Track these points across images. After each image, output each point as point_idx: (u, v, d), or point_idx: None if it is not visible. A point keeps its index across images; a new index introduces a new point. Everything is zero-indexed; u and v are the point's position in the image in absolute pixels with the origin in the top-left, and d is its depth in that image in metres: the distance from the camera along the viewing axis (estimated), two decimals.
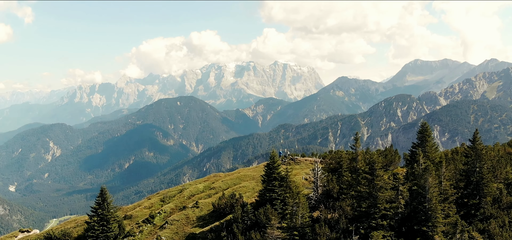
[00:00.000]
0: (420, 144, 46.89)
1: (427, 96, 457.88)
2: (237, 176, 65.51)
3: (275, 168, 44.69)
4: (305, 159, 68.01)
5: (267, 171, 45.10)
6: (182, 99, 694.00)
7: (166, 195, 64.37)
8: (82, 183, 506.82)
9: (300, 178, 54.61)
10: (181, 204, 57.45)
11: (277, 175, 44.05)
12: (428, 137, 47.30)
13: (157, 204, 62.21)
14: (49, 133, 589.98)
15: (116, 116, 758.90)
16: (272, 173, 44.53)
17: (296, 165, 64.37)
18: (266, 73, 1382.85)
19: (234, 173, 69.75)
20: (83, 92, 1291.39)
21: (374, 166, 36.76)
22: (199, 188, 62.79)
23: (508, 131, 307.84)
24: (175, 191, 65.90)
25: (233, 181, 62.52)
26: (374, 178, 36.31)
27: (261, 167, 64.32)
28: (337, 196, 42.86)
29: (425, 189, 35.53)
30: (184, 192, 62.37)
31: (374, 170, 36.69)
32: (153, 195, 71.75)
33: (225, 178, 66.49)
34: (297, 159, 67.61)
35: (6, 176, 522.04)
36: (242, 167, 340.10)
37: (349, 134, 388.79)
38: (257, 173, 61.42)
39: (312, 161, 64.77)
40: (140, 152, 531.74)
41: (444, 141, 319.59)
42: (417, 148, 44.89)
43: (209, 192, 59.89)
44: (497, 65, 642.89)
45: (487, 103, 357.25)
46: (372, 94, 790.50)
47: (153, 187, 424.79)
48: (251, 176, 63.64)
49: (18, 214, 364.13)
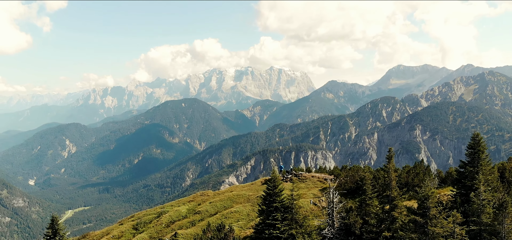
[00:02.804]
0: (471, 162, 31.11)
1: (409, 99, 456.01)
2: (229, 196, 49.40)
3: (276, 194, 31.04)
4: (312, 175, 52.87)
5: (266, 198, 31.29)
6: (186, 101, 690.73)
7: (141, 220, 49.17)
8: (95, 177, 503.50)
9: (307, 201, 40.91)
10: (157, 234, 43.44)
11: (280, 204, 30.57)
12: (481, 153, 30.95)
13: (129, 233, 47.47)
14: (65, 132, 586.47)
15: (126, 117, 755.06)
16: (272, 201, 30.94)
17: (300, 182, 49.83)
18: (263, 77, 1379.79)
19: (226, 192, 53.92)
20: (97, 94, 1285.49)
21: (427, 202, 23.97)
22: (181, 212, 47.37)
23: (484, 130, 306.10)
24: (152, 214, 50.91)
25: (224, 203, 46.86)
26: (427, 221, 23.80)
27: (258, 185, 52.65)
28: (361, 233, 29.81)
29: (499, 236, 23.02)
30: (162, 217, 47.30)
31: (427, 210, 23.92)
32: (126, 219, 55.21)
33: (214, 198, 50.36)
34: (302, 175, 52.52)
35: (26, 171, 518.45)
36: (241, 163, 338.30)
37: (339, 132, 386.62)
38: (253, 193, 48.65)
39: (321, 177, 50.48)
40: (148, 148, 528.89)
41: (425, 139, 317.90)
42: (467, 167, 30.87)
43: (193, 218, 44.50)
44: (473, 70, 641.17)
45: (465, 105, 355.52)
46: (359, 97, 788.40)
47: (160, 181, 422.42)
48: (246, 196, 48.02)
49: (37, 205, 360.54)
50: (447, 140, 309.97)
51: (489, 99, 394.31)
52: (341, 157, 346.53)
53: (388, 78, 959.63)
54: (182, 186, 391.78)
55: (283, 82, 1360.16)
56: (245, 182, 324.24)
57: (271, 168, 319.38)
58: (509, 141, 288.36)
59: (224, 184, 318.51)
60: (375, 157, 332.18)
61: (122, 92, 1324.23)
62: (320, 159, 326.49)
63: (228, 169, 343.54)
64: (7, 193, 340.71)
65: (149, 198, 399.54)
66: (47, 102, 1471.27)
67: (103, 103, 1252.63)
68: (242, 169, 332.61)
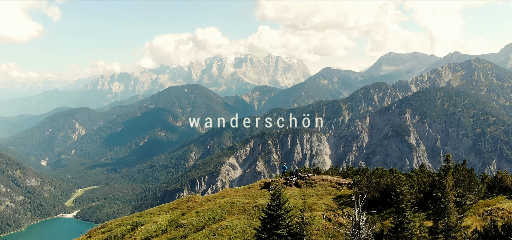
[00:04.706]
0: None
1: (400, 84, 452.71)
2: (220, 204, 37.79)
3: (280, 216, 21.66)
4: (322, 177, 40.75)
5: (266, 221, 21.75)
6: (189, 87, 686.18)
7: (113, 233, 37.83)
8: (104, 158, 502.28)
9: (319, 215, 29.46)
10: None
11: (285, 231, 21.07)
12: None
13: None
14: (75, 115, 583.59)
15: (132, 101, 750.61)
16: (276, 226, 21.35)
17: (308, 187, 38.58)
18: (261, 64, 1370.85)
19: (216, 198, 41.68)
20: (104, 80, 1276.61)
21: None
22: (161, 224, 36.55)
23: (470, 114, 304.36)
24: (126, 225, 39.80)
25: (213, 214, 36.02)
26: None
27: (255, 189, 41.62)
28: None
29: None
30: (137, 231, 36.03)
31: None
32: (96, 229, 44.14)
33: (202, 206, 38.70)
34: (310, 177, 40.41)
35: (39, 153, 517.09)
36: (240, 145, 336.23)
37: (333, 116, 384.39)
38: (250, 200, 37.98)
39: (334, 181, 38.80)
40: (153, 131, 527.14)
41: (415, 123, 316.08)
42: None
43: (175, 233, 33.88)
44: (460, 57, 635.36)
45: (452, 90, 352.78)
46: (352, 83, 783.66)
47: (164, 161, 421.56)
48: (241, 205, 36.56)
49: (49, 185, 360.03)
50: (435, 123, 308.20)
51: (475, 85, 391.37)
52: (334, 139, 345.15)
53: (380, 65, 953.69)
54: (185, 166, 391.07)
55: (280, 69, 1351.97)
56: (245, 163, 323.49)
57: (269, 150, 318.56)
58: (494, 124, 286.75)
59: (224, 164, 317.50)
60: (366, 140, 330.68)
61: (128, 78, 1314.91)
62: (315, 141, 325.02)
63: (228, 151, 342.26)
64: (20, 173, 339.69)
65: (154, 177, 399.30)
66: (58, 88, 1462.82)
67: (110, 88, 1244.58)
68: (241, 151, 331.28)
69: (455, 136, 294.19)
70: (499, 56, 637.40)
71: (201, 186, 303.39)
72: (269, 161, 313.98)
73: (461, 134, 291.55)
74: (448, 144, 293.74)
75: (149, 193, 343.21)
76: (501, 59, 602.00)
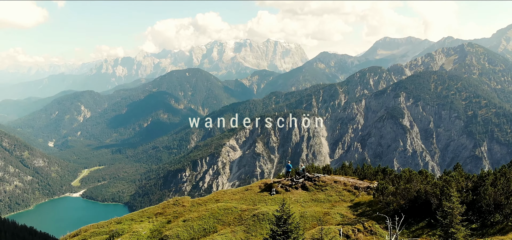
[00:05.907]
0: None
1: (394, 68, 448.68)
2: (213, 210, 30.63)
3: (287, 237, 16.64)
4: (334, 179, 33.23)
5: None
6: (190, 71, 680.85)
7: None
8: (109, 139, 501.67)
9: (334, 230, 22.09)
10: None
11: None
12: None
13: None
14: (80, 98, 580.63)
15: (136, 85, 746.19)
16: None
17: (318, 191, 31.44)
18: (260, 49, 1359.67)
19: (209, 202, 34.18)
20: (108, 64, 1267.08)
21: None
22: (141, 236, 29.40)
23: (462, 97, 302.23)
24: (102, 234, 32.60)
25: (204, 224, 28.81)
26: None
27: (254, 191, 34.71)
28: None
29: None
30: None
31: None
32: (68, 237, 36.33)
33: (191, 213, 31.59)
34: (320, 178, 33.28)
35: (46, 134, 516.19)
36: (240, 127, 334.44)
37: (330, 99, 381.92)
38: (248, 205, 31.26)
39: (349, 184, 31.61)
40: (156, 113, 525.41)
41: (409, 105, 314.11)
42: None
43: None
44: (453, 42, 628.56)
45: (445, 74, 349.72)
46: (349, 67, 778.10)
47: (167, 143, 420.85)
48: (237, 212, 29.60)
49: (55, 165, 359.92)
50: (428, 105, 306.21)
51: (468, 69, 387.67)
52: (331, 121, 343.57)
53: (375, 50, 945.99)
54: (187, 147, 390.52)
55: (278, 54, 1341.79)
56: (244, 144, 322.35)
57: (268, 132, 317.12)
58: (485, 107, 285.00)
59: (225, 146, 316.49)
60: (362, 122, 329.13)
61: (131, 62, 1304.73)
62: (312, 124, 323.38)
63: (228, 133, 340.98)
64: (28, 154, 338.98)
65: (157, 158, 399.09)
66: (63, 72, 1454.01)
67: (114, 72, 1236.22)
68: (241, 133, 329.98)
69: (448, 118, 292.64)
70: (491, 41, 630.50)
71: (202, 166, 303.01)
72: (268, 143, 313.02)
73: (454, 116, 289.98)
74: (441, 126, 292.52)
75: (153, 173, 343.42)
76: (493, 44, 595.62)
